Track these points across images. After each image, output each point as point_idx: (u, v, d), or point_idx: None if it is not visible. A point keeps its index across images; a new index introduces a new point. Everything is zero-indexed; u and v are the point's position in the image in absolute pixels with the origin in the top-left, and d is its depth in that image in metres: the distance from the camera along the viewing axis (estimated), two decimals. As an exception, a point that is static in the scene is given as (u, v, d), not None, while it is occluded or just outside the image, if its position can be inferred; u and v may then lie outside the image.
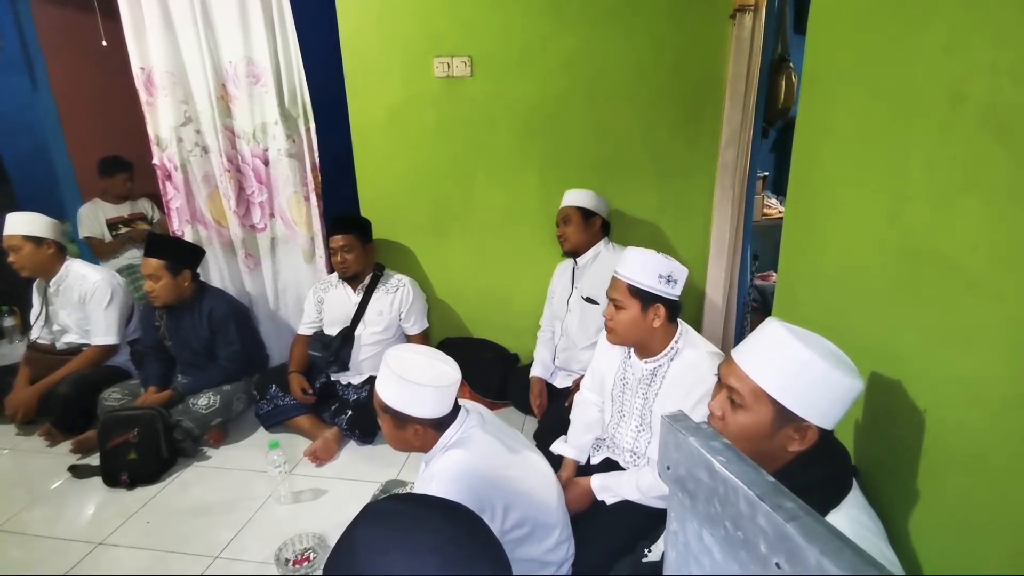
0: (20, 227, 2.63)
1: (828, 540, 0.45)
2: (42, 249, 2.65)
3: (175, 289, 2.50)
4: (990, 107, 0.93)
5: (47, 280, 2.72)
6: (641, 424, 1.71)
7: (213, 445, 2.54)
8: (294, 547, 1.88)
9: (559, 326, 2.61)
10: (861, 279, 1.35)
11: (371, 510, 0.79)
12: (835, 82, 1.49)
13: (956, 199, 1.03)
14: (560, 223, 2.52)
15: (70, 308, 2.72)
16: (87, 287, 2.68)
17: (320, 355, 2.57)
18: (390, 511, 0.78)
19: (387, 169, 2.84)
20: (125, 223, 3.71)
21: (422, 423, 1.39)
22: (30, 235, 2.63)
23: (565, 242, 2.51)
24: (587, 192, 2.50)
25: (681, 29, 2.48)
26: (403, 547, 0.71)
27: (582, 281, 2.49)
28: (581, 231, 2.47)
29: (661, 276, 1.60)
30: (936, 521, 1.11)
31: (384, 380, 1.38)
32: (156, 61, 2.65)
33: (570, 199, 2.51)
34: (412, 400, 1.36)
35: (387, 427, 1.44)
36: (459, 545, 0.73)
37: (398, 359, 1.40)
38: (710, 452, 0.55)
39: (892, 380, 1.21)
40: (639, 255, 1.63)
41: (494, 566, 0.76)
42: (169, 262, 2.48)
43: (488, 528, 0.81)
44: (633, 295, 1.61)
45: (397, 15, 2.61)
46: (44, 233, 2.66)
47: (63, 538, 2.01)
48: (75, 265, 2.75)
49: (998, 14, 0.92)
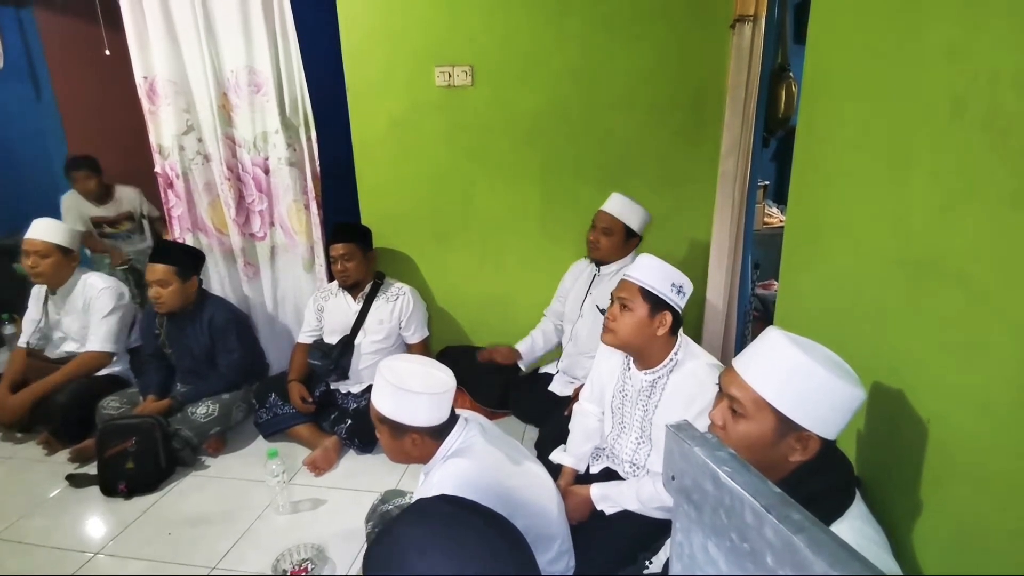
0: (51, 235, 2.59)
1: (836, 552, 0.45)
2: (68, 259, 2.65)
3: (183, 295, 2.50)
4: (991, 115, 0.93)
5: (54, 288, 2.70)
6: (641, 436, 1.70)
7: (212, 454, 2.52)
8: (292, 558, 1.87)
9: (569, 329, 2.58)
10: (863, 288, 1.34)
11: (414, 509, 0.79)
12: (835, 91, 1.50)
13: (958, 207, 1.02)
14: (599, 229, 2.40)
15: (74, 315, 2.70)
16: (91, 294, 2.67)
17: (320, 364, 2.56)
18: (432, 511, 0.77)
19: (388, 178, 2.85)
20: (110, 224, 3.64)
21: (419, 432, 1.40)
22: (61, 244, 2.60)
23: (596, 250, 2.42)
24: (636, 207, 2.38)
25: (681, 39, 2.49)
26: (445, 547, 0.70)
27: (599, 290, 2.44)
28: (618, 247, 2.39)
29: (674, 285, 1.62)
30: (940, 532, 1.10)
31: (379, 390, 1.39)
32: (159, 70, 2.66)
33: (619, 210, 2.37)
34: (408, 408, 1.37)
35: (385, 438, 1.44)
36: (496, 548, 0.73)
37: (392, 368, 1.41)
38: (716, 462, 0.55)
39: (895, 390, 1.20)
40: (655, 261, 1.66)
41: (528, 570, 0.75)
42: (179, 268, 2.47)
43: (520, 532, 0.81)
44: (644, 298, 1.62)
45: (399, 24, 2.62)
46: (72, 244, 2.66)
47: (60, 547, 1.99)
48: (84, 275, 2.72)
49: (998, 22, 0.92)
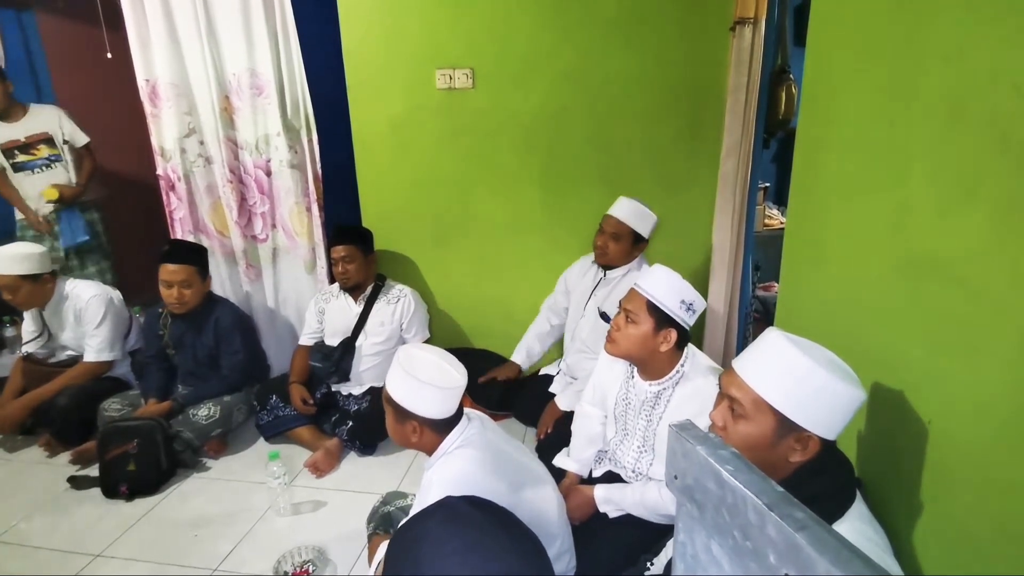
0: (13, 266, 2.43)
1: (838, 550, 0.45)
2: (40, 285, 2.52)
3: (202, 294, 2.51)
4: (991, 117, 0.94)
5: (41, 307, 2.64)
6: (643, 445, 1.69)
7: (213, 456, 2.52)
8: (293, 559, 1.86)
9: (571, 328, 2.56)
10: (863, 289, 1.35)
11: (449, 505, 0.79)
12: (835, 93, 1.50)
13: (958, 209, 1.03)
14: (607, 233, 2.36)
15: (68, 328, 2.68)
16: (80, 305, 2.61)
17: (321, 366, 2.56)
18: (466, 514, 0.77)
19: (389, 180, 2.86)
20: (22, 149, 3.10)
21: (420, 422, 1.42)
22: (27, 274, 2.46)
23: (603, 255, 2.38)
24: (645, 211, 2.33)
25: (682, 41, 2.50)
26: (469, 555, 0.71)
27: (603, 292, 2.42)
28: (626, 252, 2.36)
29: (683, 302, 1.57)
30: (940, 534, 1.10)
31: (392, 372, 1.43)
32: (160, 73, 2.67)
33: (627, 216, 2.33)
34: (413, 395, 1.39)
35: (389, 418, 1.47)
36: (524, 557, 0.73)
37: (408, 354, 1.44)
38: (718, 461, 0.55)
39: (895, 391, 1.21)
40: (666, 274, 1.59)
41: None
42: (200, 268, 2.48)
43: (544, 549, 0.81)
44: (650, 312, 1.57)
45: (399, 27, 2.63)
46: (40, 268, 2.50)
47: (61, 549, 1.99)
48: (67, 285, 2.64)
49: (998, 24, 0.93)
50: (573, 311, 2.57)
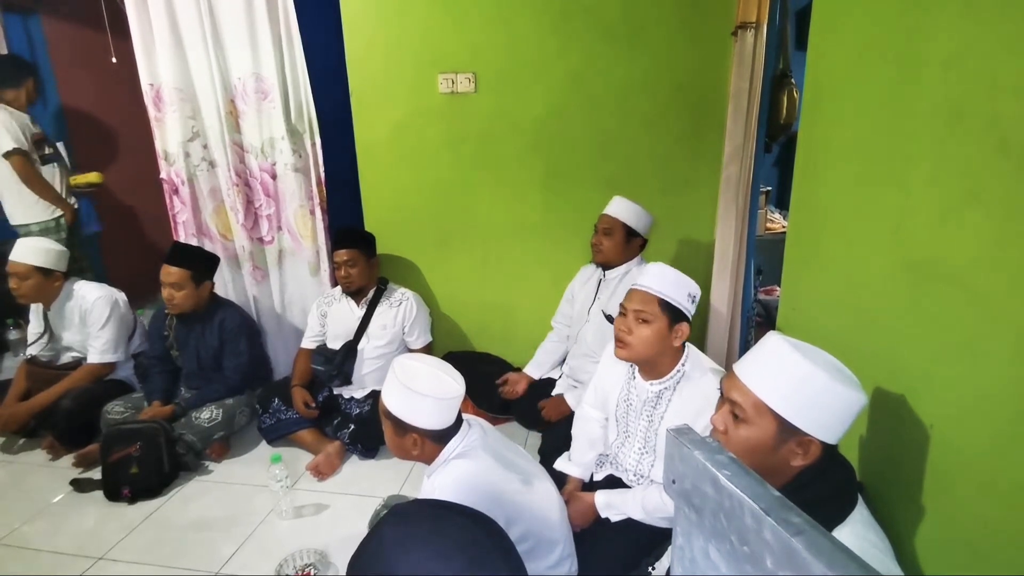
0: (31, 256, 2.54)
1: (834, 555, 0.45)
2: (49, 281, 2.58)
3: (195, 298, 2.51)
4: (991, 121, 0.94)
5: (46, 305, 2.67)
6: (644, 447, 1.69)
7: (215, 459, 2.52)
8: (295, 563, 1.87)
9: (575, 332, 2.57)
10: (864, 293, 1.35)
11: (397, 511, 0.79)
12: (836, 97, 1.50)
13: (959, 213, 1.03)
14: (600, 232, 2.39)
15: (73, 329, 2.69)
16: (85, 306, 2.63)
17: (323, 369, 2.57)
18: (415, 512, 0.78)
19: (391, 184, 2.87)
20: (44, 143, 3.24)
21: (421, 433, 1.40)
22: (41, 266, 2.54)
23: (599, 253, 2.41)
24: (636, 208, 2.36)
25: (684, 46, 2.51)
26: (429, 546, 0.71)
27: (605, 294, 2.43)
28: (620, 248, 2.37)
29: (690, 295, 1.60)
30: (943, 538, 1.10)
31: (388, 385, 1.40)
32: (165, 78, 2.69)
33: (617, 211, 2.36)
34: (412, 408, 1.37)
35: (388, 432, 1.45)
36: (482, 547, 0.73)
37: (404, 366, 1.42)
38: (715, 466, 0.55)
39: (897, 395, 1.20)
40: (671, 271, 1.62)
41: (515, 570, 0.76)
42: (195, 272, 2.49)
43: (506, 534, 0.82)
44: (664, 309, 1.58)
45: (402, 32, 2.64)
46: (55, 264, 2.58)
47: (64, 552, 2.00)
48: (75, 286, 2.67)
49: (998, 29, 0.93)
50: (577, 317, 2.58)
